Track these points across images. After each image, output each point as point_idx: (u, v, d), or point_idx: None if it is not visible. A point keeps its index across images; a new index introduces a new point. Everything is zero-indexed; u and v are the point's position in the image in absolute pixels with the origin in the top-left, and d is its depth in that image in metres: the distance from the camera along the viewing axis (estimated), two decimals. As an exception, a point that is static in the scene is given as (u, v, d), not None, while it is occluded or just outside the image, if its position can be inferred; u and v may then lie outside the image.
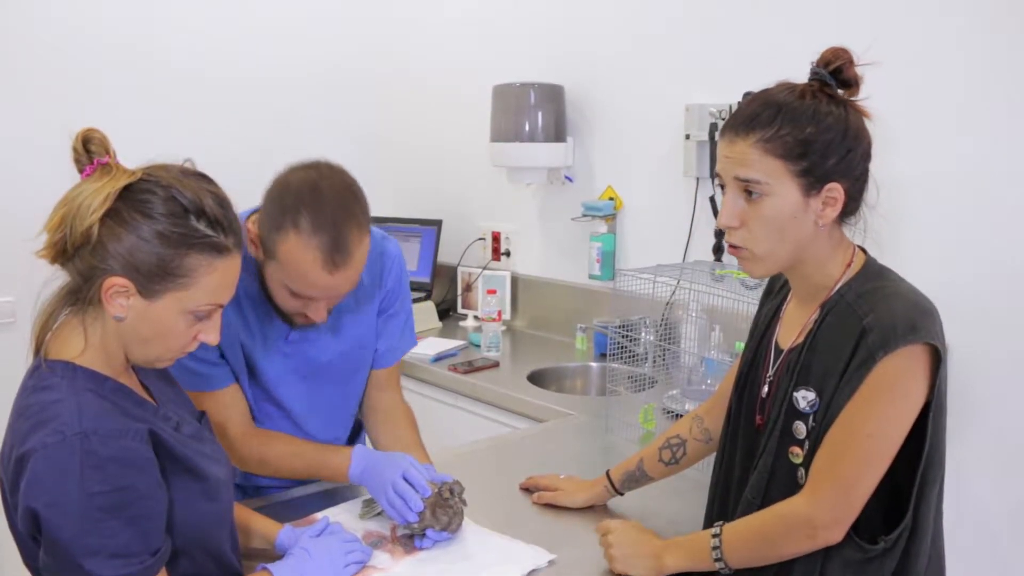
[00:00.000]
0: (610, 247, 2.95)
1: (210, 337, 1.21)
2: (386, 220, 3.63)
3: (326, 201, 1.45)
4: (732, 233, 1.30)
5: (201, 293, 1.15)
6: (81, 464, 1.05)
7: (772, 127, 1.24)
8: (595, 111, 3.00)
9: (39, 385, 1.14)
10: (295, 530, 1.46)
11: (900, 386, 1.21)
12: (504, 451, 2.10)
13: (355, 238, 1.46)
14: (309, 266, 1.44)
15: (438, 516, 1.51)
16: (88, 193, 1.10)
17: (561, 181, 3.11)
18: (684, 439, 1.64)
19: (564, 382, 2.82)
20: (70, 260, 1.13)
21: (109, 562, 1.07)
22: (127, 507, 1.09)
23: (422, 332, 3.22)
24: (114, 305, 1.13)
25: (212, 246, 1.15)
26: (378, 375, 1.83)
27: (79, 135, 1.14)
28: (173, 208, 1.12)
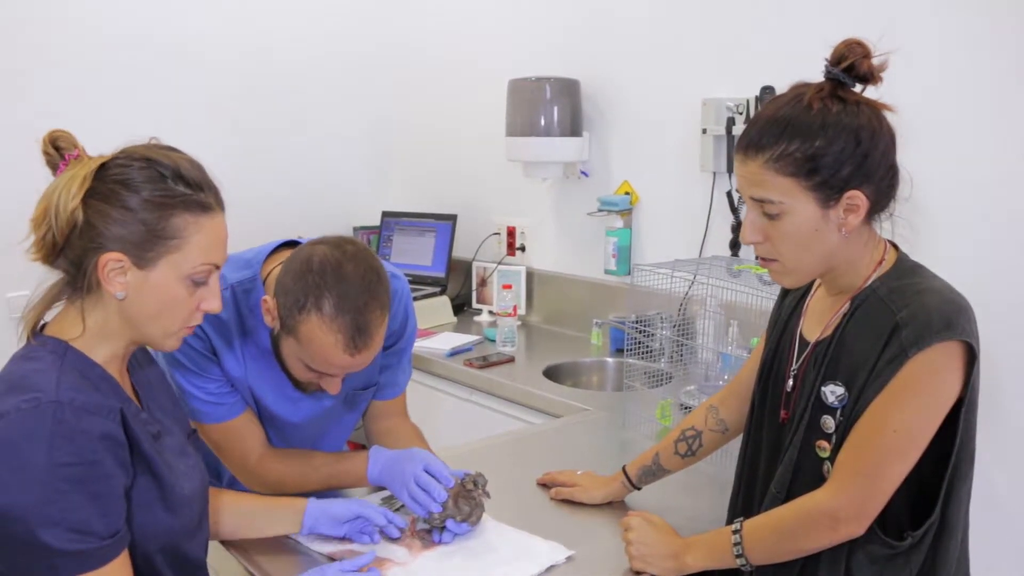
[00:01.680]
0: (626, 242, 2.93)
1: (212, 304, 1.23)
2: (401, 215, 3.63)
3: (350, 284, 1.44)
4: (758, 247, 1.30)
5: (194, 252, 1.17)
6: (52, 432, 1.06)
7: (779, 145, 1.22)
8: (611, 105, 2.99)
9: (26, 355, 1.16)
10: (318, 510, 1.48)
11: (931, 383, 1.20)
12: (520, 446, 2.10)
13: (377, 321, 1.47)
14: (330, 348, 1.45)
15: (460, 507, 1.51)
16: (64, 182, 1.13)
17: (577, 176, 3.10)
18: (699, 430, 1.64)
19: (580, 377, 2.82)
20: (61, 254, 1.15)
21: (66, 535, 1.06)
22: (92, 482, 1.08)
23: (436, 327, 3.22)
24: (113, 283, 1.14)
25: (196, 203, 1.17)
26: (383, 406, 1.85)
27: (45, 138, 1.18)
28: (151, 175, 1.15)
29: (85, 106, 2.96)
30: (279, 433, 1.73)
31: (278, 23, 3.51)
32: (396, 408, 1.87)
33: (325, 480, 1.65)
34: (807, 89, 1.25)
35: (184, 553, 1.27)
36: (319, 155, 3.69)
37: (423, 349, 2.90)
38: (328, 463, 1.67)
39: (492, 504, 1.58)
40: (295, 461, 1.68)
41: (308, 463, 1.68)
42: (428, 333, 3.10)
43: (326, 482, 1.64)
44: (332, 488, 1.61)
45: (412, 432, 1.85)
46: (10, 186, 2.91)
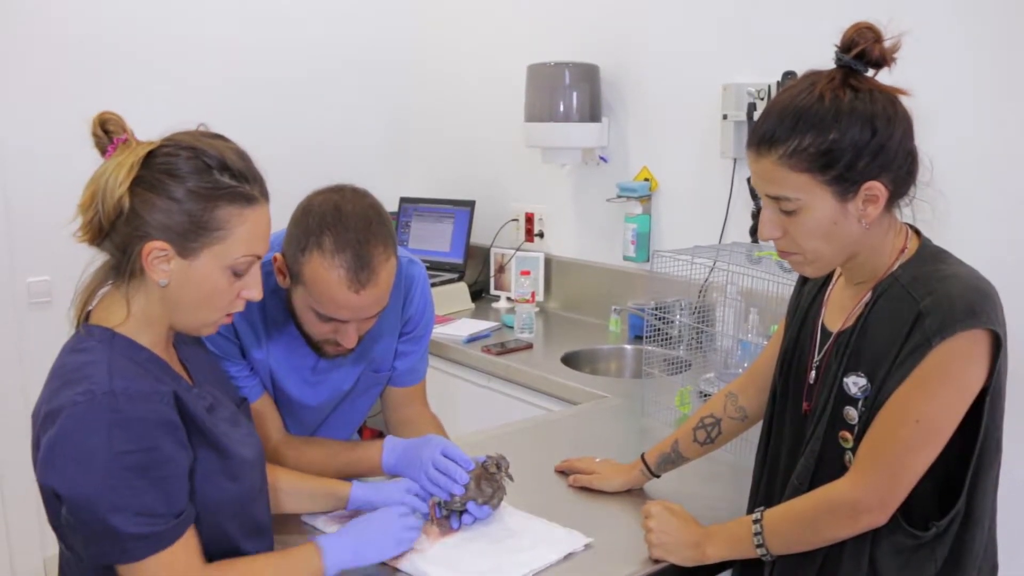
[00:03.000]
0: (645, 228, 2.92)
1: (253, 293, 1.24)
2: (419, 201, 3.62)
3: (349, 221, 1.45)
4: (778, 242, 1.28)
5: (237, 244, 1.18)
6: (109, 423, 1.07)
7: (792, 140, 1.19)
8: (630, 91, 2.97)
9: (76, 347, 1.17)
10: (367, 488, 1.50)
11: (955, 372, 1.18)
12: (538, 433, 2.09)
13: (379, 257, 1.46)
14: (334, 286, 1.44)
15: (482, 488, 1.51)
16: (112, 168, 1.13)
17: (596, 162, 3.08)
18: (718, 418, 1.62)
19: (598, 364, 2.81)
20: (107, 237, 1.16)
21: (133, 519, 1.09)
22: (152, 468, 1.10)
23: (454, 313, 3.22)
24: (157, 271, 1.15)
25: (240, 195, 1.18)
26: (401, 393, 1.84)
27: (95, 119, 1.17)
28: (197, 165, 1.15)
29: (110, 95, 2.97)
30: (294, 418, 1.74)
31: (296, 10, 3.50)
32: (415, 396, 1.86)
33: (340, 468, 1.65)
34: (818, 78, 1.22)
35: (254, 517, 1.30)
36: (337, 141, 3.68)
37: (441, 335, 2.90)
38: (344, 451, 1.68)
39: (510, 491, 1.58)
40: (311, 448, 1.68)
41: (324, 450, 1.68)
42: (446, 319, 3.10)
43: (341, 470, 1.64)
44: (346, 477, 1.61)
45: (432, 422, 1.85)
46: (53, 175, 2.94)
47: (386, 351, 1.76)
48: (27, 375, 2.93)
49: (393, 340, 1.77)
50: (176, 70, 3.20)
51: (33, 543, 3.00)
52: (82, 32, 3.02)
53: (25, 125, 2.92)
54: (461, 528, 1.50)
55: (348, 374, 1.73)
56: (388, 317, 1.73)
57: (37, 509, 1.20)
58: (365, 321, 1.54)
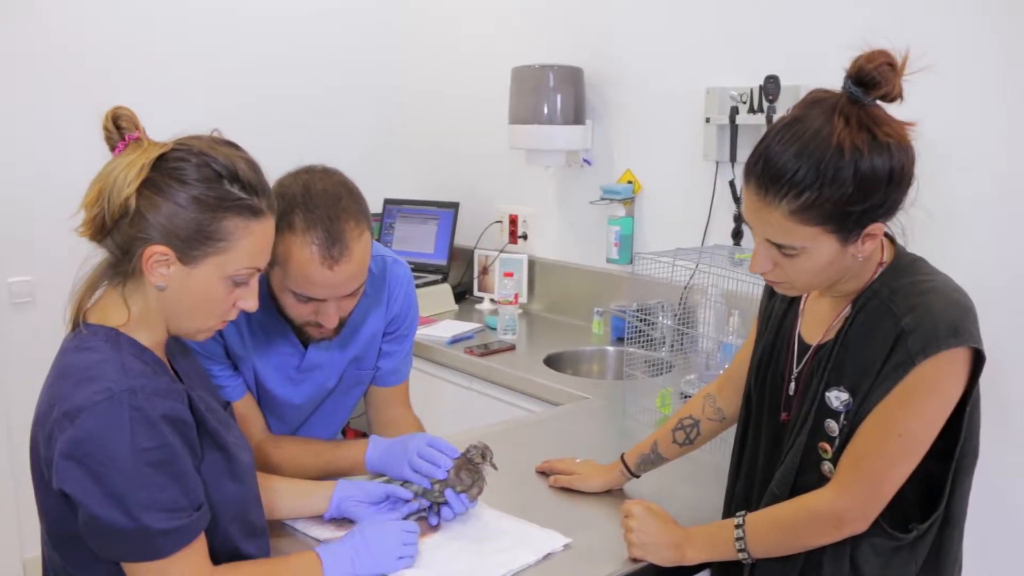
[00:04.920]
0: (628, 231, 2.93)
1: (249, 303, 1.23)
2: (403, 202, 3.62)
3: (318, 199, 1.46)
4: (767, 273, 1.27)
5: (239, 256, 1.17)
6: (130, 419, 1.08)
7: (808, 194, 1.14)
8: (614, 94, 2.98)
9: (81, 346, 1.16)
10: (351, 485, 1.49)
11: (937, 389, 1.19)
12: (520, 434, 2.10)
13: (351, 232, 1.46)
14: (307, 263, 1.44)
15: (462, 477, 1.51)
16: (122, 166, 1.13)
17: (579, 164, 3.09)
18: (697, 419, 1.63)
19: (580, 366, 2.82)
20: (108, 235, 1.16)
21: (161, 515, 1.09)
22: (173, 463, 1.11)
23: (438, 315, 3.22)
24: (155, 274, 1.15)
25: (247, 208, 1.17)
26: (384, 393, 1.84)
27: (108, 113, 1.16)
28: (207, 174, 1.15)
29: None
30: (278, 417, 1.74)
31: (279, 10, 3.50)
32: (398, 397, 1.87)
33: (323, 466, 1.65)
34: (831, 119, 1.15)
35: (252, 521, 1.30)
36: (321, 142, 3.66)
37: (424, 336, 2.90)
38: (327, 449, 1.68)
39: (489, 492, 1.58)
40: (293, 447, 1.69)
41: (306, 449, 1.68)
42: (429, 321, 3.10)
43: (324, 468, 1.65)
44: (329, 475, 1.61)
45: (414, 424, 1.86)
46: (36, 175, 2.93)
47: (370, 348, 1.77)
48: (8, 375, 2.92)
49: (377, 338, 1.77)
50: (155, 73, 3.18)
51: (12, 544, 2.98)
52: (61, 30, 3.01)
53: (6, 125, 2.91)
54: (440, 525, 1.50)
55: (332, 372, 1.73)
56: (372, 315, 1.73)
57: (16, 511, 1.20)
58: (345, 300, 1.53)
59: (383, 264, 1.75)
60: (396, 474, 1.55)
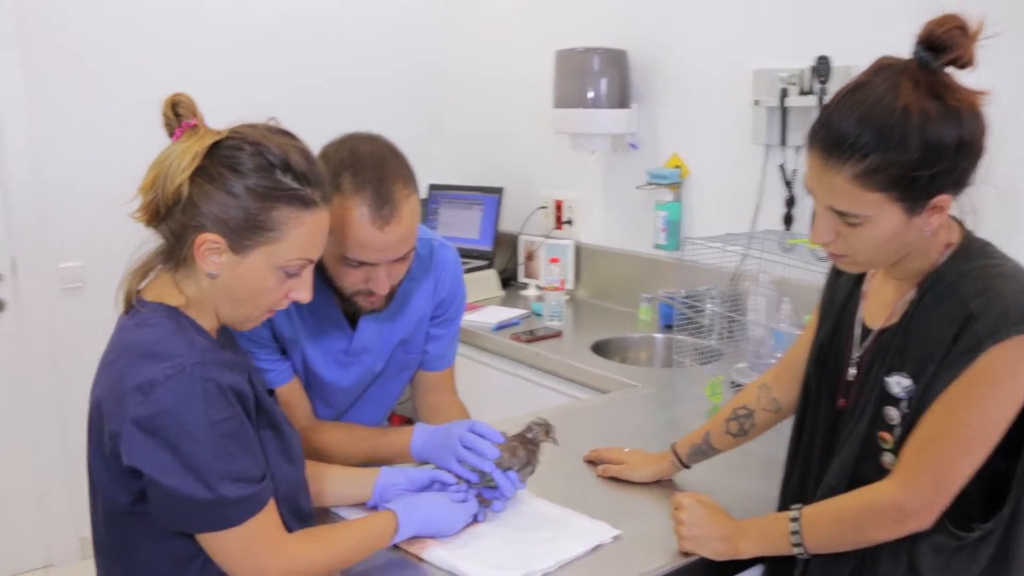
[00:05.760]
0: (676, 216, 2.89)
1: (302, 295, 1.23)
2: (448, 188, 3.61)
3: (366, 160, 1.46)
4: (828, 245, 1.22)
5: (290, 247, 1.17)
6: (203, 391, 1.09)
7: (872, 157, 1.10)
8: (660, 76, 2.93)
9: (143, 323, 1.17)
10: (394, 472, 1.49)
11: (1006, 377, 1.14)
12: (567, 422, 2.06)
13: (400, 193, 1.46)
14: (358, 225, 1.44)
15: (519, 455, 1.48)
16: (177, 153, 1.14)
17: (625, 148, 3.05)
18: (752, 409, 1.60)
19: (628, 353, 2.79)
20: (163, 221, 1.17)
21: (234, 484, 1.11)
22: (242, 433, 1.13)
23: (483, 301, 3.21)
24: (207, 262, 1.16)
25: (299, 199, 1.17)
26: (431, 377, 1.83)
27: (167, 100, 1.17)
28: (260, 163, 1.15)
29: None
30: (325, 401, 1.74)
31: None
32: (444, 382, 1.86)
33: (368, 453, 1.65)
34: (899, 82, 1.11)
35: (300, 505, 1.31)
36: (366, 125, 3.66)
37: (469, 323, 2.89)
38: (371, 436, 1.68)
39: (537, 481, 1.56)
40: (338, 433, 1.69)
41: (351, 435, 1.68)
42: (475, 307, 3.09)
43: (369, 455, 1.64)
44: (374, 462, 1.61)
45: (459, 410, 1.84)
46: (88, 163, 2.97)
47: (417, 332, 1.76)
48: (60, 360, 2.97)
49: (424, 322, 1.76)
50: (197, 60, 3.21)
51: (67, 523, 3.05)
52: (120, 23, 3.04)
53: (58, 111, 2.95)
54: (487, 518, 1.49)
55: (380, 355, 1.73)
56: (419, 298, 1.73)
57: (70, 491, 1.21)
58: (395, 265, 1.52)
59: (431, 247, 1.74)
60: (442, 463, 1.54)
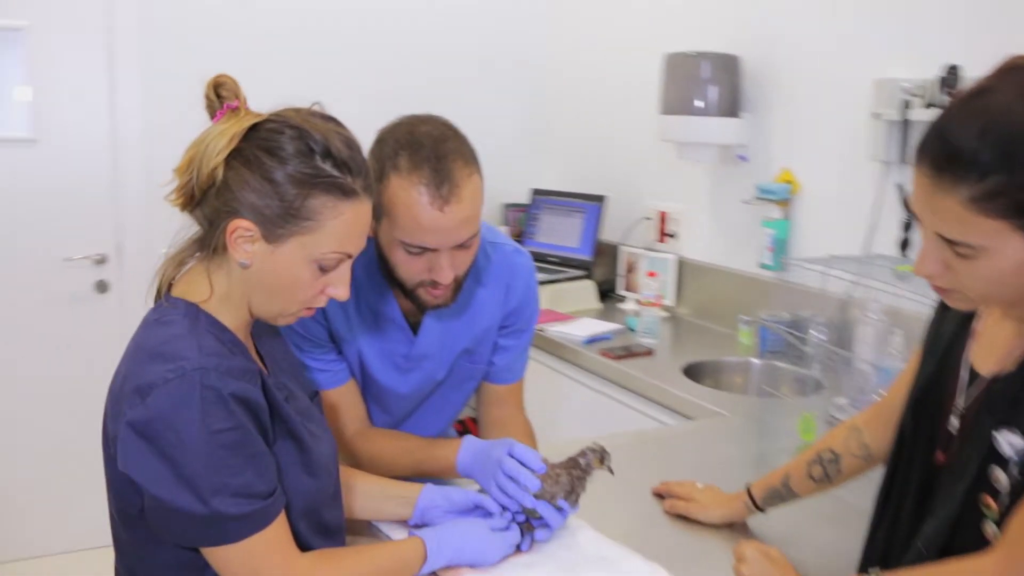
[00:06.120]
0: (783, 235, 2.70)
1: (339, 291, 1.16)
2: (549, 193, 3.52)
3: (424, 140, 1.39)
4: (934, 278, 1.06)
5: (326, 239, 1.10)
6: (202, 399, 1.03)
7: (994, 177, 0.93)
8: (773, 84, 2.76)
9: (161, 319, 1.12)
10: (436, 493, 1.40)
11: None
12: (643, 448, 1.95)
13: (460, 171, 1.38)
14: (416, 205, 1.36)
15: (561, 481, 1.36)
16: (215, 135, 1.08)
17: (734, 160, 2.88)
18: (838, 454, 1.43)
19: (722, 377, 2.62)
20: (198, 206, 1.12)
21: (232, 500, 1.04)
22: (246, 445, 1.06)
23: (578, 312, 3.10)
24: (239, 250, 1.10)
25: (338, 187, 1.10)
26: (496, 391, 1.74)
27: (210, 82, 1.12)
28: (299, 147, 1.09)
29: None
30: (383, 407, 1.67)
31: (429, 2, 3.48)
32: (510, 397, 1.76)
33: (415, 465, 1.57)
34: None
35: (325, 520, 1.24)
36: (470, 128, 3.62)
37: (559, 334, 2.80)
38: (420, 448, 1.59)
39: (596, 508, 1.44)
40: (389, 442, 1.62)
41: (401, 445, 1.61)
42: (566, 317, 2.99)
43: (416, 467, 1.56)
44: (421, 475, 1.53)
45: (523, 427, 1.74)
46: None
47: (484, 341, 1.67)
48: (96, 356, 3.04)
49: (492, 331, 1.67)
50: (311, 63, 3.23)
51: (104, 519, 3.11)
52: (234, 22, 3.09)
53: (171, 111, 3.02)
54: (532, 547, 1.38)
55: (442, 363, 1.65)
56: (488, 305, 1.64)
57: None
58: (458, 253, 1.43)
59: (503, 253, 1.65)
60: (484, 485, 1.44)
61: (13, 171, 2.96)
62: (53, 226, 3.00)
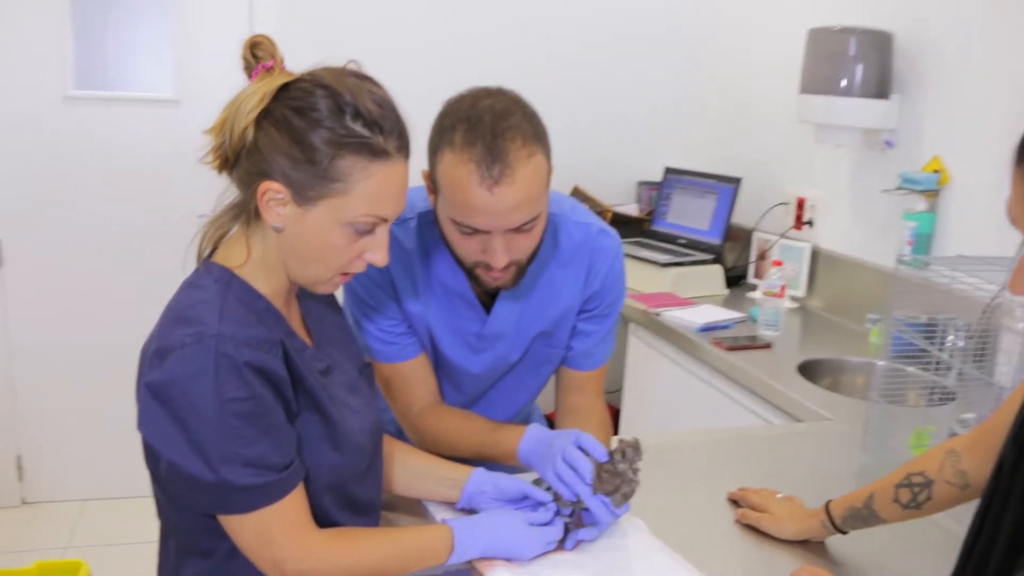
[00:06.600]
0: (927, 229, 2.47)
1: (377, 256, 1.13)
2: (684, 172, 3.37)
3: (483, 115, 1.30)
4: None
5: (358, 201, 1.07)
6: (216, 367, 1.01)
7: None
8: (930, 64, 2.50)
9: (193, 282, 1.12)
10: (485, 478, 1.35)
11: None
12: (733, 447, 1.82)
13: (517, 151, 1.29)
14: (465, 183, 1.29)
15: (603, 478, 1.29)
16: (246, 95, 1.06)
17: (878, 145, 2.65)
18: (931, 479, 1.28)
19: (841, 378, 2.43)
20: (233, 168, 1.10)
21: (242, 470, 1.03)
22: (261, 416, 1.04)
23: (700, 298, 2.96)
24: (271, 213, 1.08)
25: (367, 147, 1.06)
26: (574, 376, 1.66)
27: (247, 42, 1.10)
28: (328, 106, 1.05)
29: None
30: (456, 385, 1.63)
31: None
32: (588, 384, 1.68)
33: (478, 448, 1.51)
34: None
35: (353, 495, 1.22)
36: (599, 102, 3.53)
37: (674, 319, 2.68)
38: (484, 431, 1.53)
39: (662, 509, 1.35)
40: (455, 421, 1.57)
41: (467, 426, 1.56)
42: (686, 302, 2.86)
43: (478, 450, 1.51)
44: (483, 459, 1.47)
45: (598, 416, 1.65)
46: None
47: (562, 325, 1.60)
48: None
49: (571, 314, 1.60)
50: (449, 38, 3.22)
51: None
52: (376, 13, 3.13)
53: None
54: (577, 546, 1.30)
55: (516, 345, 1.59)
56: (567, 287, 1.56)
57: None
58: (514, 237, 1.36)
59: (587, 232, 1.56)
60: (541, 473, 1.38)
61: (159, 129, 3.11)
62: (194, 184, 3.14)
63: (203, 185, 3.05)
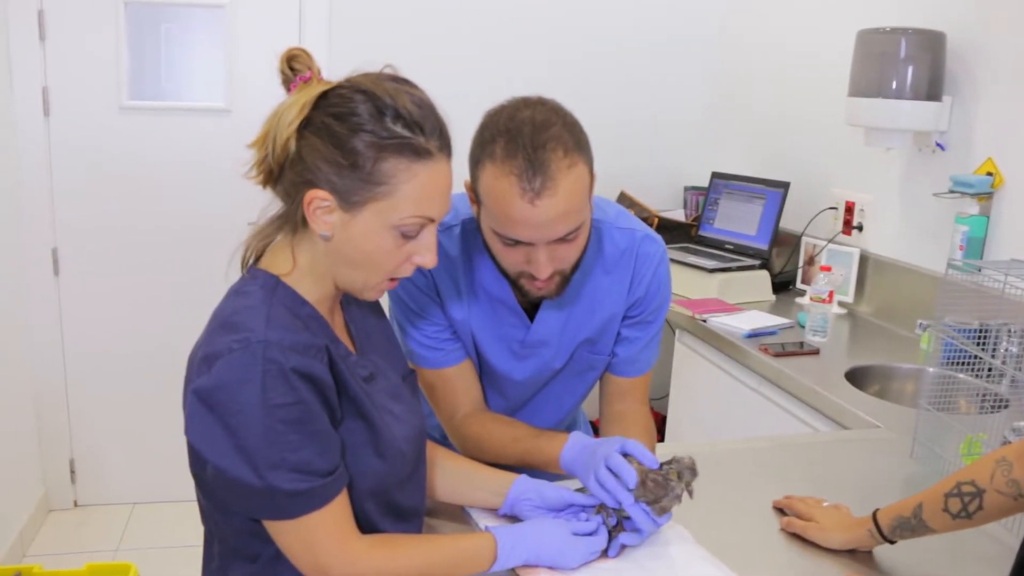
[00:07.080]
0: (979, 232, 2.42)
1: (426, 259, 1.14)
2: (731, 177, 3.35)
3: (524, 126, 1.29)
4: None
5: (403, 203, 1.08)
6: (264, 372, 1.03)
7: None
8: (986, 65, 2.45)
9: (239, 289, 1.14)
10: (529, 485, 1.34)
11: None
12: (779, 454, 1.80)
13: (559, 163, 1.28)
14: (506, 196, 1.29)
15: (648, 486, 1.27)
16: (286, 107, 1.08)
17: (931, 148, 2.61)
18: (981, 488, 1.25)
19: (891, 384, 2.39)
20: (277, 181, 1.12)
21: (289, 475, 1.04)
22: (307, 422, 1.05)
23: (748, 304, 2.94)
24: (319, 222, 1.09)
25: (410, 148, 1.07)
26: (618, 383, 1.65)
27: (283, 55, 1.11)
28: (369, 110, 1.06)
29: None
30: (500, 392, 1.64)
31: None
32: (633, 391, 1.67)
33: (519, 455, 1.51)
34: None
35: (396, 501, 1.23)
36: (647, 104, 3.52)
37: (720, 325, 2.66)
38: (527, 438, 1.53)
39: (706, 517, 1.34)
40: (498, 427, 1.57)
41: (510, 432, 1.56)
42: (733, 308, 2.83)
43: (520, 458, 1.51)
44: (525, 465, 1.48)
45: (643, 424, 1.64)
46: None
47: (606, 331, 1.60)
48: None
49: (615, 321, 1.60)
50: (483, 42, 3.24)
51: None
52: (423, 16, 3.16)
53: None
54: (620, 553, 1.30)
55: (560, 351, 1.59)
56: (611, 294, 1.56)
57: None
58: (558, 247, 1.36)
59: (631, 238, 1.56)
60: (584, 481, 1.37)
61: (209, 138, 3.18)
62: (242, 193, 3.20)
63: (253, 192, 3.10)
